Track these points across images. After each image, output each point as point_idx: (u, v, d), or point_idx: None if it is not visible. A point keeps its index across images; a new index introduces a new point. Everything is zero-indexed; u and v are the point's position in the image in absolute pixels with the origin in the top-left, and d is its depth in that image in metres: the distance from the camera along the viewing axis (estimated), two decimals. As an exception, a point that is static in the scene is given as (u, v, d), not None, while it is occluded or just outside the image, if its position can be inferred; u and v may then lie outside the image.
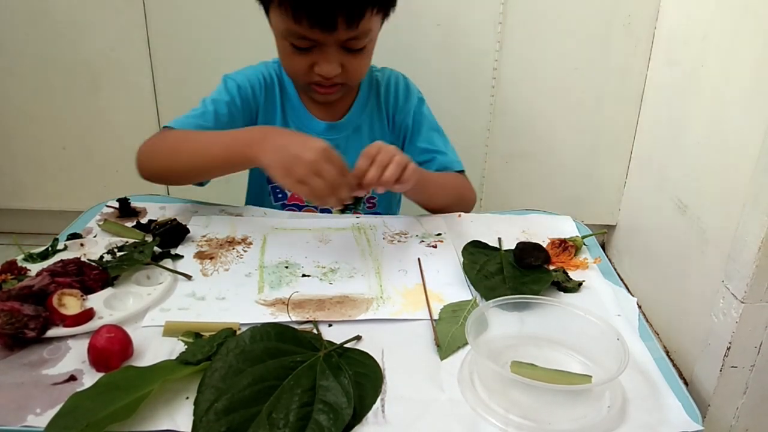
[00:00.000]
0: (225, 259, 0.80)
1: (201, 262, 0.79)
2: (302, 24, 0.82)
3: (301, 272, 0.77)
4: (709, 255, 1.13)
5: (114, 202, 0.94)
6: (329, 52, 0.86)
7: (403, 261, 0.80)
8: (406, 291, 0.74)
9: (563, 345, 0.65)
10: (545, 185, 1.55)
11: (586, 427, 0.55)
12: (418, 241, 0.85)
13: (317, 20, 0.81)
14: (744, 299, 0.77)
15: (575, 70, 1.41)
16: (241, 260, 0.80)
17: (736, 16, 1.09)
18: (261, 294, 0.72)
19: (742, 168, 1.00)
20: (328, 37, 0.84)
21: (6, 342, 0.62)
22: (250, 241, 0.84)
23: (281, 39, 0.88)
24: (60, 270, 0.71)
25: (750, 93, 1.03)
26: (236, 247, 0.83)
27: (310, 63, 0.88)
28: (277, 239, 0.85)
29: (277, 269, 0.78)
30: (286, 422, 0.52)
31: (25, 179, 1.54)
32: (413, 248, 0.84)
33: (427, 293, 0.73)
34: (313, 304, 0.71)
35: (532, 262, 0.77)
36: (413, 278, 0.77)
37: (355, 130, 1.02)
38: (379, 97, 1.04)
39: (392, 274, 0.77)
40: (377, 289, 0.74)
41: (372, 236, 0.87)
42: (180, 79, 1.40)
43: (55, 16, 1.36)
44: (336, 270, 0.78)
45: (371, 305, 0.71)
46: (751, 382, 0.82)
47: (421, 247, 0.84)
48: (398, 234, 0.87)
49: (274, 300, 0.71)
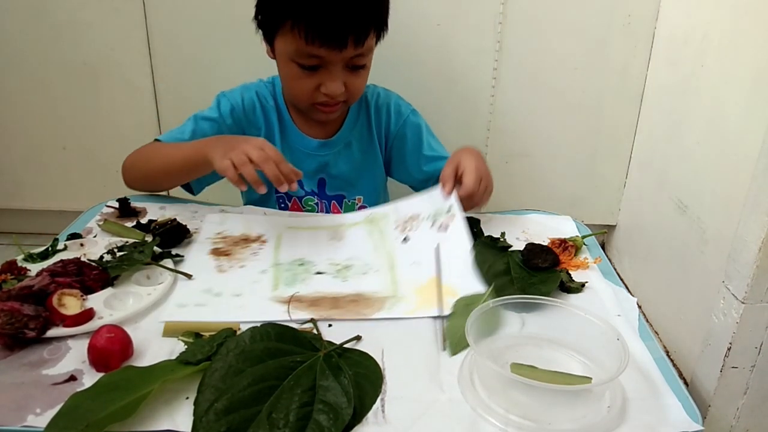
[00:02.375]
0: (241, 257, 0.81)
1: (217, 258, 0.80)
2: (314, 44, 0.87)
3: (315, 270, 0.78)
4: (709, 255, 1.13)
5: (114, 202, 0.94)
6: (335, 71, 0.91)
7: (416, 252, 0.80)
8: (420, 288, 0.74)
9: (563, 345, 0.65)
10: (545, 185, 1.55)
11: (586, 427, 0.55)
12: (430, 225, 0.84)
13: (330, 39, 0.87)
14: (744, 300, 0.77)
15: (575, 70, 1.41)
16: (256, 257, 0.81)
17: (736, 16, 1.09)
18: (276, 291, 0.73)
19: (742, 168, 1.00)
20: (337, 56, 0.89)
21: (6, 342, 0.62)
22: (264, 239, 0.85)
23: (288, 62, 0.93)
24: (60, 270, 0.71)
25: (750, 93, 1.03)
26: (251, 245, 0.84)
27: (316, 84, 0.93)
28: (292, 237, 0.86)
29: (292, 267, 0.79)
30: (286, 422, 0.52)
31: (25, 179, 1.54)
32: (425, 235, 0.83)
33: (441, 288, 0.72)
34: (327, 302, 0.71)
35: (540, 264, 0.77)
36: (426, 271, 0.76)
37: (345, 146, 1.07)
38: (369, 113, 1.08)
39: (405, 269, 0.77)
40: (391, 287, 0.74)
41: (384, 227, 0.87)
42: (180, 79, 1.40)
43: (55, 16, 1.36)
44: (350, 267, 0.78)
45: (385, 304, 0.71)
46: (751, 383, 0.82)
47: (433, 231, 0.83)
48: (410, 219, 0.87)
49: (289, 297, 0.71)
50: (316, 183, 1.06)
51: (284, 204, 1.06)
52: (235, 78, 1.09)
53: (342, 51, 0.88)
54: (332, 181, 1.06)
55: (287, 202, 1.06)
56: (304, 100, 0.96)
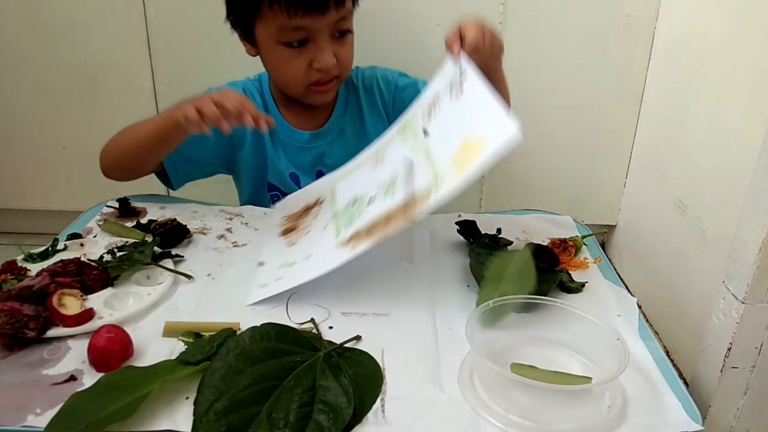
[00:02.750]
0: (305, 225, 0.84)
1: (285, 236, 0.84)
2: (297, 14, 0.87)
3: (367, 201, 0.78)
4: (709, 255, 1.13)
5: (114, 202, 0.94)
6: (322, 42, 0.91)
7: (443, 128, 0.78)
8: (455, 156, 0.71)
9: (563, 345, 0.65)
10: (545, 185, 1.55)
11: (586, 427, 0.55)
12: (449, 98, 0.80)
13: (310, 5, 0.87)
14: (745, 300, 0.77)
15: (575, 70, 1.41)
16: (316, 219, 0.83)
17: (736, 16, 1.09)
18: (338, 237, 0.74)
19: (742, 168, 1.00)
20: (321, 22, 0.89)
21: (6, 342, 0.62)
22: (321, 200, 0.87)
23: (274, 47, 0.92)
24: (60, 270, 0.71)
25: (750, 93, 1.03)
26: (311, 211, 0.87)
27: (307, 62, 0.92)
28: (343, 185, 0.87)
29: (347, 210, 0.79)
30: (286, 422, 0.52)
31: (25, 179, 1.54)
32: (447, 110, 0.79)
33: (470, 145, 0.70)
34: (380, 223, 0.71)
35: (540, 264, 0.77)
36: (455, 139, 0.72)
37: (339, 133, 1.05)
38: (359, 95, 1.06)
39: (439, 148, 0.75)
40: (431, 174, 0.72)
41: (415, 126, 0.84)
42: (180, 80, 1.40)
43: (55, 16, 1.36)
44: (395, 179, 0.77)
45: (430, 194, 0.69)
46: (751, 383, 0.82)
47: (453, 101, 0.79)
48: (433, 103, 0.83)
49: (350, 236, 0.73)
50: (315, 176, 1.04)
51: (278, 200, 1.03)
52: (235, 78, 1.09)
53: (326, 15, 0.88)
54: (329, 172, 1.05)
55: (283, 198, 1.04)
56: (298, 84, 0.95)
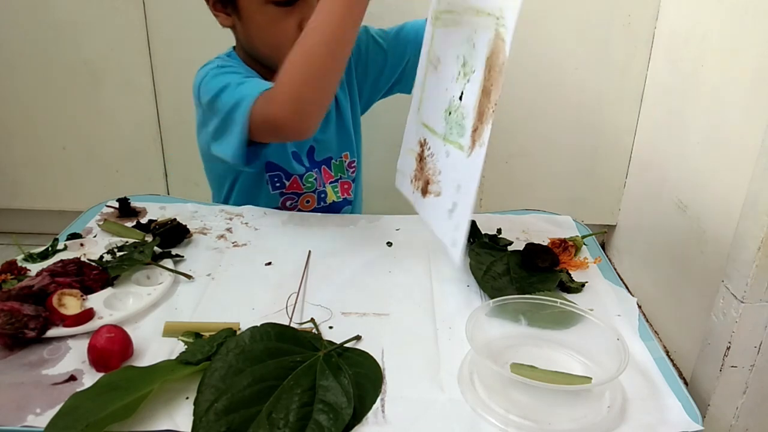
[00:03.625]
0: (432, 170, 0.79)
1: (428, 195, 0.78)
2: None
3: (458, 101, 0.77)
4: (709, 255, 1.13)
5: (114, 202, 0.94)
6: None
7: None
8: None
9: (563, 345, 0.65)
10: (545, 185, 1.55)
11: (586, 427, 0.55)
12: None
13: None
14: (744, 299, 0.77)
15: (575, 70, 1.41)
16: (434, 157, 0.79)
17: (736, 16, 1.09)
18: (464, 150, 0.75)
19: (742, 168, 1.00)
20: None
21: (6, 342, 0.62)
22: (424, 139, 0.83)
23: (261, 7, 0.90)
24: (60, 270, 0.71)
25: (750, 93, 1.03)
26: (424, 157, 0.82)
27: (297, 21, 0.90)
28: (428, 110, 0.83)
29: (449, 124, 0.78)
30: (286, 422, 0.52)
31: (25, 179, 1.54)
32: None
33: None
34: (483, 102, 0.74)
35: (540, 264, 0.77)
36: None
37: None
38: None
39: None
40: (491, 21, 0.71)
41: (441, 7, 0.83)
42: (180, 79, 1.40)
43: (55, 16, 1.36)
44: (464, 60, 0.77)
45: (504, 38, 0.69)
46: (751, 382, 0.82)
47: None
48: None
49: (471, 138, 0.75)
50: (306, 151, 1.03)
51: (279, 183, 1.02)
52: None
53: None
54: (319, 147, 1.04)
55: (284, 181, 1.02)
56: (286, 47, 0.86)
